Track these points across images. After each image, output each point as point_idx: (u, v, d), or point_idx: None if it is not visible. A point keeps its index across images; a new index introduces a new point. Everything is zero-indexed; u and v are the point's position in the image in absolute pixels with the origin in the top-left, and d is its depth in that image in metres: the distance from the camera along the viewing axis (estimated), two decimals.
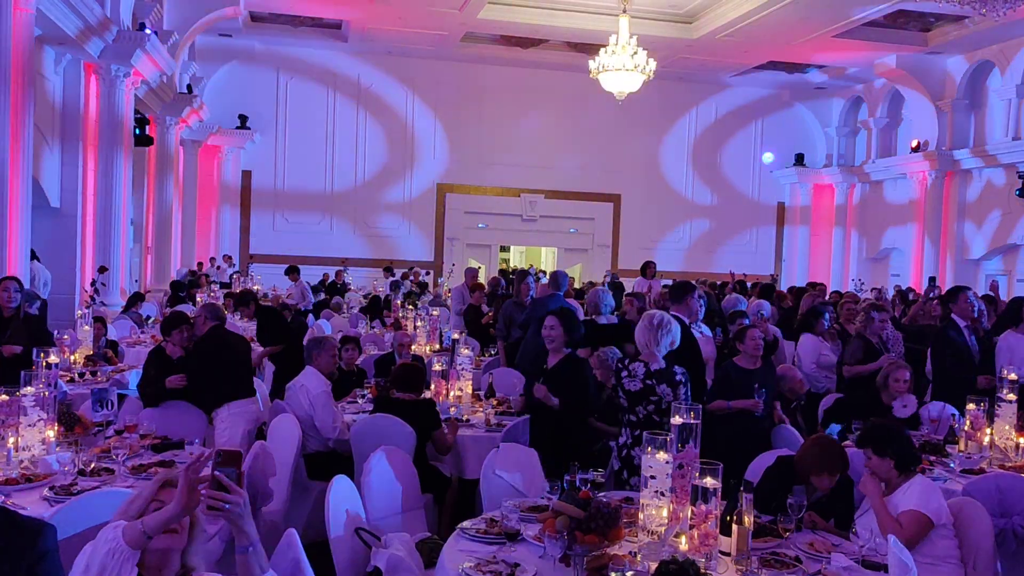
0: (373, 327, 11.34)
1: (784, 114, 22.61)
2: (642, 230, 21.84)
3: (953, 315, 7.03)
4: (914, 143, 18.96)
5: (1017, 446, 5.18)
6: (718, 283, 15.19)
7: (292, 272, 14.04)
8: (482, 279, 12.40)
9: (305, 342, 6.62)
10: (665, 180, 22.09)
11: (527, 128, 21.19)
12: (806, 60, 19.06)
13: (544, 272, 16.31)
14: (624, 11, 14.54)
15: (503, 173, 21.02)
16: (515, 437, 5.39)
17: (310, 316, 12.03)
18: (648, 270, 13.80)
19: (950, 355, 6.86)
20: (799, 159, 22.30)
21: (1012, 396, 5.28)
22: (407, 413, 5.34)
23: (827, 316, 7.88)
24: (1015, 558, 4.25)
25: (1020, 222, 16.53)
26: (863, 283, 17.72)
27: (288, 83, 19.97)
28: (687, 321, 6.19)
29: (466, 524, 3.73)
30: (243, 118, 19.26)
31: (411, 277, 17.11)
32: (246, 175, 19.94)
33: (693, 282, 7.15)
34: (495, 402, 6.61)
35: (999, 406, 5.30)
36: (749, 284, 14.05)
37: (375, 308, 12.42)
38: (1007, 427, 5.26)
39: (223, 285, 15.37)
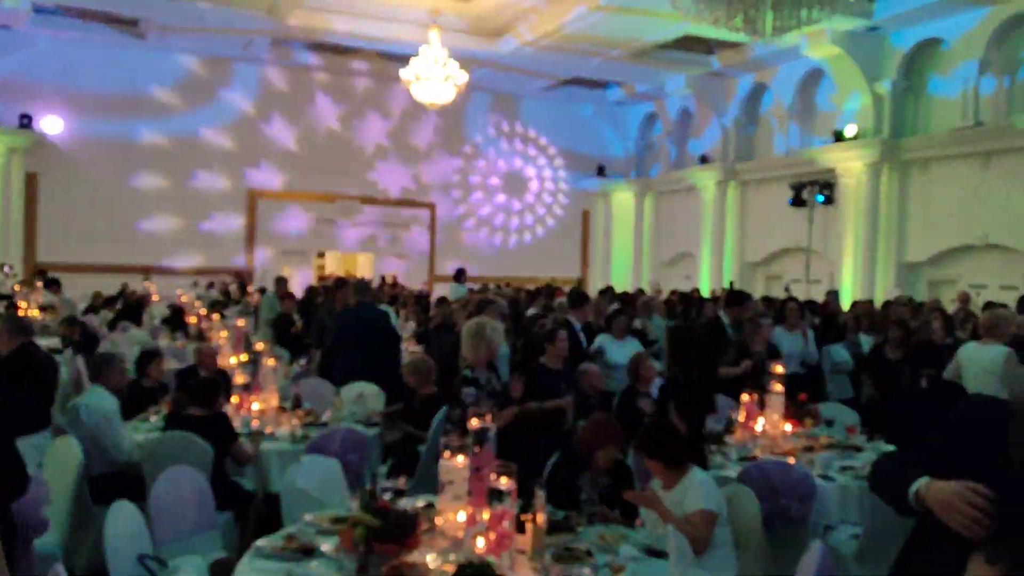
0: (176, 339, 10.81)
1: (587, 127, 23.66)
2: (457, 237, 22.26)
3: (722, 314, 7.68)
4: (702, 156, 20.39)
5: (784, 433, 5.71)
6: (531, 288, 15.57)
7: (52, 284, 12.96)
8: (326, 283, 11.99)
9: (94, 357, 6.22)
10: (478, 189, 22.55)
11: (344, 134, 20.97)
12: (606, 77, 20.02)
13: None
14: (435, 22, 14.73)
15: (318, 179, 20.62)
16: (321, 449, 5.31)
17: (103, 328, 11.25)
18: (461, 276, 14.00)
19: (714, 346, 7.48)
20: (601, 170, 23.40)
21: (780, 388, 5.82)
22: (202, 429, 5.15)
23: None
24: (782, 537, 4.62)
25: (793, 229, 18.14)
26: (659, 286, 18.78)
27: (78, 81, 18.43)
28: (578, 326, 7.23)
29: (262, 542, 3.65)
30: (27, 117, 17.62)
31: (218, 286, 16.33)
32: (31, 178, 18.20)
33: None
34: (301, 413, 6.49)
35: (769, 397, 5.82)
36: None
37: (178, 319, 11.80)
38: (776, 416, 5.79)
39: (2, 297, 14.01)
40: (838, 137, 16.22)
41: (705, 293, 16.26)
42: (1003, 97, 14.39)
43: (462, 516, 3.52)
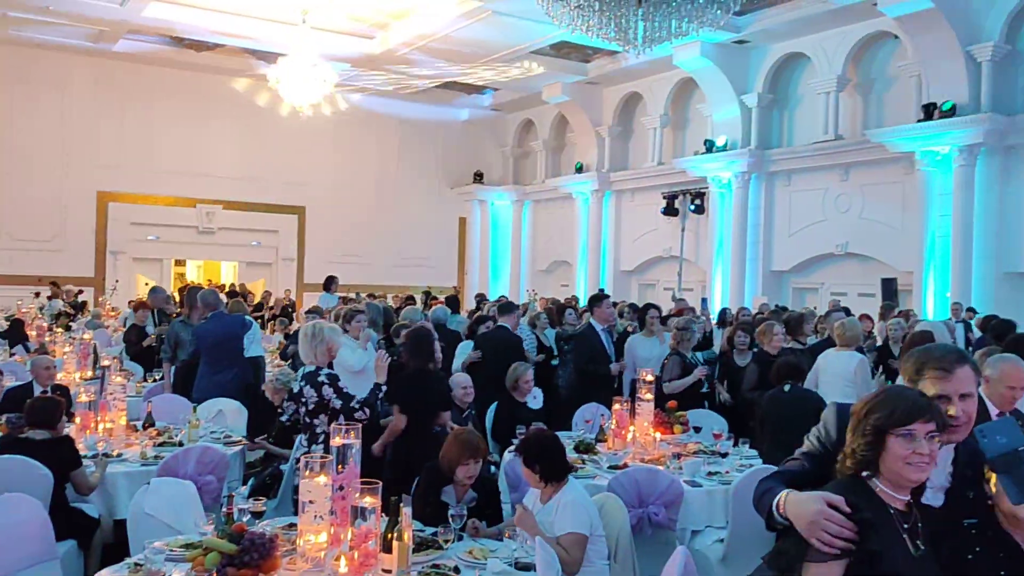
0: (13, 354, 10.05)
1: (465, 132, 23.55)
2: (329, 244, 21.43)
3: (592, 319, 7.75)
4: (578, 164, 20.67)
5: (654, 441, 5.75)
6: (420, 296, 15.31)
7: None
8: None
9: None
10: (351, 193, 21.91)
11: (204, 135, 19.95)
12: (483, 81, 20.03)
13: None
14: (304, 21, 14.32)
15: (176, 182, 19.63)
16: (174, 470, 4.98)
17: None
18: (331, 285, 13.63)
19: (588, 354, 7.53)
20: (478, 177, 23.33)
21: (650, 396, 5.86)
22: (41, 453, 4.74)
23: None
24: (650, 543, 4.68)
25: (666, 237, 18.61)
26: (536, 294, 18.90)
27: None
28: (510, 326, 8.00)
29: (107, 572, 3.39)
30: None
31: (63, 295, 15.28)
32: None
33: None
34: (154, 433, 6.11)
35: (639, 405, 5.85)
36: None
37: (17, 332, 10.94)
38: (646, 424, 5.83)
39: None
40: (708, 148, 16.75)
41: (583, 303, 16.43)
42: (860, 112, 15.21)
43: (323, 537, 3.36)
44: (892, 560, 2.11)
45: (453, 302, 11.70)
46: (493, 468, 5.98)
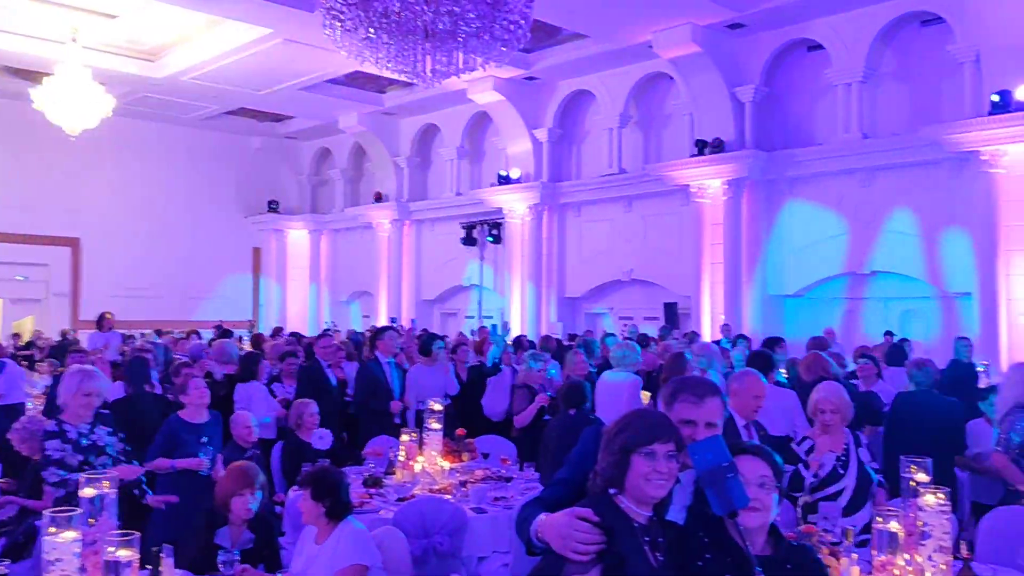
0: None
1: (258, 160, 22.79)
2: (109, 277, 19.87)
3: (377, 352, 7.68)
4: (377, 194, 20.56)
5: (442, 470, 5.75)
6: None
7: None
8: None
9: None
10: (134, 224, 20.54)
11: None
12: (276, 109, 19.54)
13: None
14: (74, 40, 13.36)
15: None
16: None
17: None
18: (103, 323, 12.69)
19: (370, 386, 7.46)
20: (273, 205, 22.62)
21: (437, 425, 5.86)
22: None
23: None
24: (436, 573, 4.66)
25: (466, 266, 18.87)
26: (336, 326, 18.51)
27: None
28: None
29: None
30: None
31: None
32: None
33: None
34: None
35: (427, 435, 5.85)
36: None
37: None
38: (434, 453, 5.83)
39: None
40: (503, 180, 17.20)
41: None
42: (641, 147, 16.18)
43: None
44: (634, 570, 2.22)
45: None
46: (279, 508, 5.76)
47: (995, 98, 10.81)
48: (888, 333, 11.87)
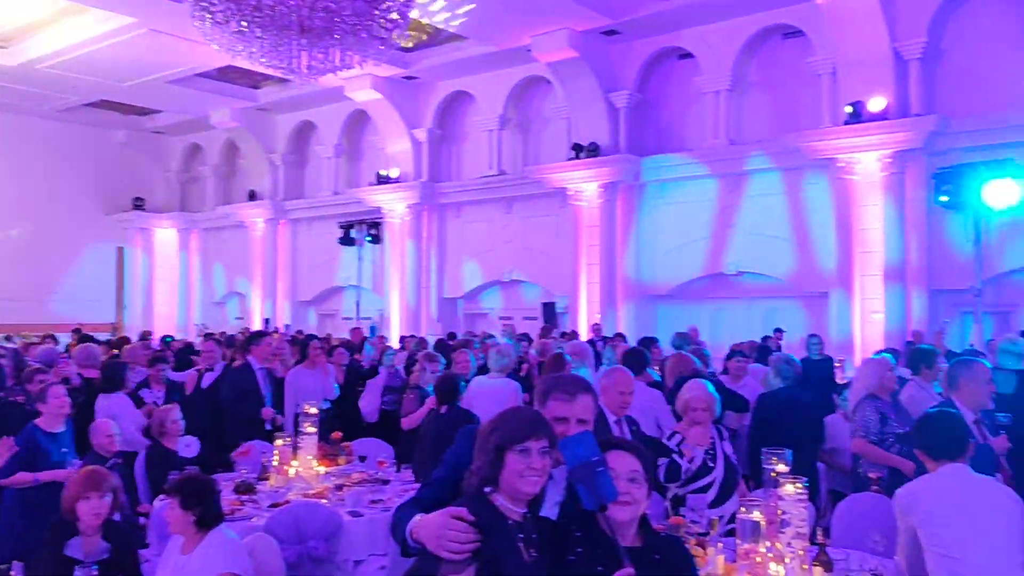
0: None
1: (123, 156, 21.70)
2: None
3: (250, 357, 7.44)
4: (251, 192, 19.95)
5: (318, 474, 5.63)
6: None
7: None
8: None
9: None
10: None
11: None
12: (142, 103, 18.67)
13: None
14: None
15: None
16: None
17: None
18: None
19: (239, 393, 7.23)
20: (139, 203, 21.59)
21: (312, 429, 5.74)
22: None
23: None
24: None
25: (344, 267, 18.53)
26: (207, 328, 17.88)
27: None
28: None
29: None
30: None
31: None
32: None
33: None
34: None
35: (302, 439, 5.72)
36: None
37: None
38: (310, 457, 5.70)
39: None
40: (382, 179, 17.01)
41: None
42: (520, 149, 16.33)
43: None
44: (508, 566, 2.24)
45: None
46: (143, 519, 5.50)
47: (849, 109, 11.52)
48: (778, 330, 12.21)
